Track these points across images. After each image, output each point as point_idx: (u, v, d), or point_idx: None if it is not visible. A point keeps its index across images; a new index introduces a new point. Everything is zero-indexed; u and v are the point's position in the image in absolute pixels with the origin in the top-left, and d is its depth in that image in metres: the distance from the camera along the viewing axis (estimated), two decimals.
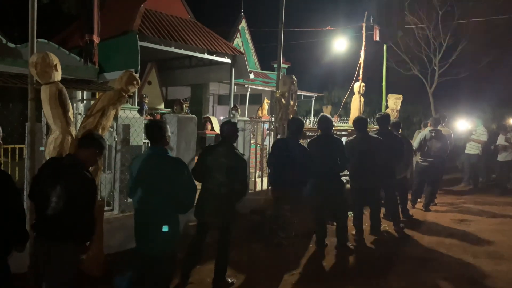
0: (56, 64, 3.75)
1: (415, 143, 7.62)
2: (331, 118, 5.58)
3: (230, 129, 4.16)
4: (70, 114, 3.85)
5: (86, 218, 2.89)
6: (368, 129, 6.14)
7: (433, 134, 7.43)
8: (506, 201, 8.48)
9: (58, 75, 3.80)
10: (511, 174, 9.73)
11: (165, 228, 3.07)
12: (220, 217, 4.06)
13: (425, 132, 7.59)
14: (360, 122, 5.82)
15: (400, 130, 7.12)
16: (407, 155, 6.85)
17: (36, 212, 2.95)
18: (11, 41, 8.69)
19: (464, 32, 15.02)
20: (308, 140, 5.86)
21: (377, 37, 10.02)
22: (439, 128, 7.60)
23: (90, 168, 3.17)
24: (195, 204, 3.79)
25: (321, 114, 5.77)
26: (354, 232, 5.75)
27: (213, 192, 4.00)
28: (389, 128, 6.54)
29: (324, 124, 5.39)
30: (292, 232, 5.44)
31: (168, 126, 3.48)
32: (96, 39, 5.56)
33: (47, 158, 3.84)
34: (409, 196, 7.43)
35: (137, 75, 4.34)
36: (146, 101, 9.63)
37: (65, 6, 14.13)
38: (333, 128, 5.89)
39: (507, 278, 4.55)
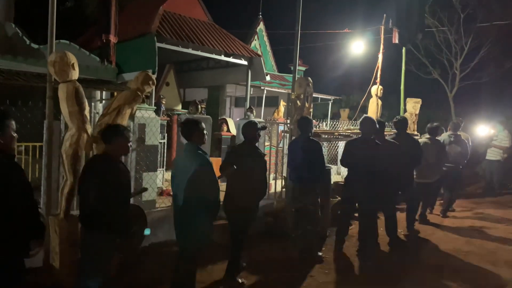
0: (73, 63, 3.83)
1: None
2: (374, 120, 5.37)
3: (250, 129, 4.19)
4: (86, 112, 3.92)
5: (122, 211, 3.08)
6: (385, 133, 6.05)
7: (452, 139, 7.29)
8: None
9: (75, 74, 3.88)
10: None
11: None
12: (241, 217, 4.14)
13: (444, 136, 7.44)
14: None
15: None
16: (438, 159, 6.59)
17: (80, 205, 3.13)
18: (35, 42, 8.96)
19: (486, 36, 14.70)
20: (323, 142, 5.83)
21: (396, 40, 9.88)
22: (458, 133, 7.44)
23: None
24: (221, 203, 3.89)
25: (364, 115, 5.61)
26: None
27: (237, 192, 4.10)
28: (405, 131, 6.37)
29: (366, 126, 5.23)
30: (318, 227, 5.35)
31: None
32: (113, 38, 5.66)
33: (63, 155, 3.93)
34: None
35: (154, 76, 4.40)
36: (164, 102, 9.73)
37: (89, 9, 14.46)
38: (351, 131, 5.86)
39: None
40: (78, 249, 3.96)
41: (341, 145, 9.06)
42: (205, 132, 3.56)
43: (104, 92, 8.63)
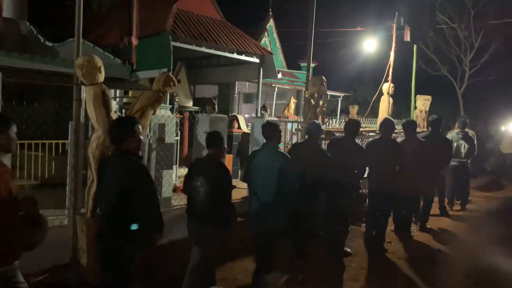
0: (100, 66, 3.91)
1: None
2: (393, 121, 5.52)
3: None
4: (113, 114, 4.00)
5: (224, 205, 3.52)
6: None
7: (460, 136, 7.54)
8: None
9: (101, 77, 3.96)
10: None
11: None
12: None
13: (452, 134, 7.67)
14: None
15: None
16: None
17: (188, 201, 3.65)
18: (47, 39, 9.04)
19: (497, 33, 14.64)
20: (332, 139, 5.88)
21: (407, 38, 9.86)
22: (465, 130, 7.66)
23: None
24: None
25: (385, 117, 5.74)
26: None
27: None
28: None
29: (386, 127, 5.37)
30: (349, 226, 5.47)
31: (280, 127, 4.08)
32: (134, 41, 5.73)
33: (89, 155, 4.02)
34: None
35: (173, 76, 4.48)
36: (177, 100, 9.81)
37: (96, 3, 14.49)
38: (361, 129, 5.93)
39: None
40: None
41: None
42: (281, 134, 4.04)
43: (117, 90, 8.75)
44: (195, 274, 3.60)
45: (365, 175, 5.71)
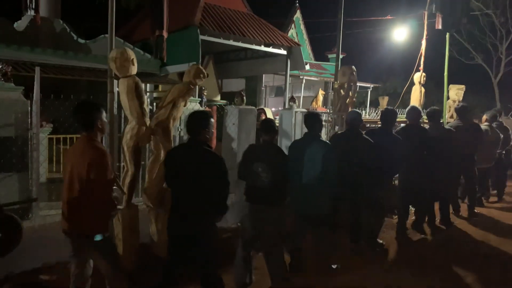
0: (133, 59, 3.99)
1: None
2: (419, 109, 5.52)
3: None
4: (145, 106, 4.08)
5: (286, 187, 3.80)
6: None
7: (490, 127, 7.23)
8: None
9: (134, 69, 4.04)
10: None
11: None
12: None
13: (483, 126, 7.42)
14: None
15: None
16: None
17: (248, 186, 3.79)
18: (79, 36, 9.30)
19: None
20: (369, 130, 5.81)
21: (439, 25, 9.57)
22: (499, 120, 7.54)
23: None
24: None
25: (411, 105, 5.71)
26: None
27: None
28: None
29: (413, 115, 5.35)
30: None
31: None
32: (165, 34, 5.81)
33: (124, 146, 4.13)
34: None
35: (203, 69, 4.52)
36: (205, 93, 9.90)
37: (123, 1, 14.80)
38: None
39: None
40: (139, 235, 4.22)
41: None
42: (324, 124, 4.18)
43: (148, 85, 8.92)
44: (275, 258, 3.81)
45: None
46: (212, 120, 3.28)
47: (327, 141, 4.14)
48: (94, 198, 2.80)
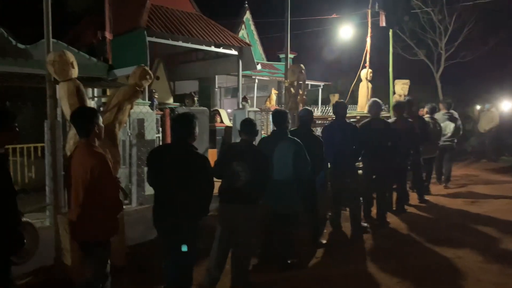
0: (72, 62, 3.84)
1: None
2: (380, 103, 5.81)
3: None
4: None
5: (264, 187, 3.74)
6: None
7: (446, 117, 7.98)
8: None
9: (75, 72, 3.89)
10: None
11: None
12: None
13: (439, 115, 8.04)
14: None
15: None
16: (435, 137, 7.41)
17: (224, 185, 3.73)
18: (19, 42, 8.81)
19: (470, 15, 14.89)
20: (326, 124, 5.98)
21: (383, 23, 9.96)
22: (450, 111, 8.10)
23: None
24: None
25: (372, 99, 5.94)
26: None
27: None
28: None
29: (374, 108, 5.66)
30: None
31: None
32: (109, 35, 5.62)
33: (68, 153, 3.95)
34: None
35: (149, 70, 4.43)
36: (156, 96, 9.71)
37: (70, 7, 14.19)
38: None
39: None
40: None
41: None
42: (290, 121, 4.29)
43: (95, 90, 8.61)
44: (242, 262, 3.79)
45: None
46: (196, 121, 3.31)
47: (296, 139, 4.21)
48: (104, 201, 2.85)
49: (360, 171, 6.02)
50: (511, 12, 14.77)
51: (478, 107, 10.85)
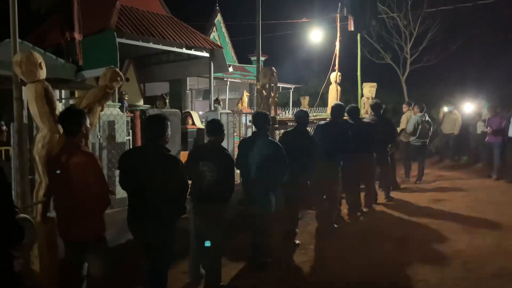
0: (40, 62, 3.74)
1: (409, 126, 8.72)
2: (343, 106, 6.00)
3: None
4: (57, 112, 3.85)
5: (231, 186, 3.82)
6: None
7: (423, 119, 8.64)
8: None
9: (43, 74, 3.79)
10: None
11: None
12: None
13: (416, 117, 8.67)
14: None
15: None
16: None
17: (193, 186, 3.80)
18: None
19: (433, 20, 15.48)
20: (285, 130, 6.08)
21: (351, 27, 10.21)
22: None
23: None
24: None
25: (335, 102, 6.17)
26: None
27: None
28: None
29: (337, 111, 5.81)
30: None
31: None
32: (77, 36, 5.50)
33: (35, 156, 3.85)
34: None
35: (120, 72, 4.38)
36: (126, 98, 9.57)
37: (34, 5, 13.75)
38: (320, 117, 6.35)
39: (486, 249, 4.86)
40: (57, 251, 3.99)
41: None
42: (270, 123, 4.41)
43: (63, 91, 8.37)
44: (213, 255, 3.81)
45: None
46: (169, 123, 3.33)
47: (275, 140, 4.37)
48: (93, 198, 2.88)
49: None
50: (469, 17, 15.44)
51: (446, 109, 11.47)
